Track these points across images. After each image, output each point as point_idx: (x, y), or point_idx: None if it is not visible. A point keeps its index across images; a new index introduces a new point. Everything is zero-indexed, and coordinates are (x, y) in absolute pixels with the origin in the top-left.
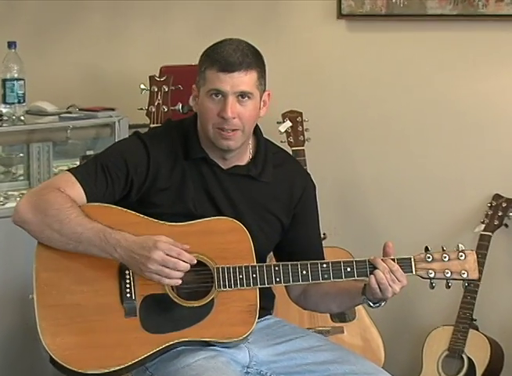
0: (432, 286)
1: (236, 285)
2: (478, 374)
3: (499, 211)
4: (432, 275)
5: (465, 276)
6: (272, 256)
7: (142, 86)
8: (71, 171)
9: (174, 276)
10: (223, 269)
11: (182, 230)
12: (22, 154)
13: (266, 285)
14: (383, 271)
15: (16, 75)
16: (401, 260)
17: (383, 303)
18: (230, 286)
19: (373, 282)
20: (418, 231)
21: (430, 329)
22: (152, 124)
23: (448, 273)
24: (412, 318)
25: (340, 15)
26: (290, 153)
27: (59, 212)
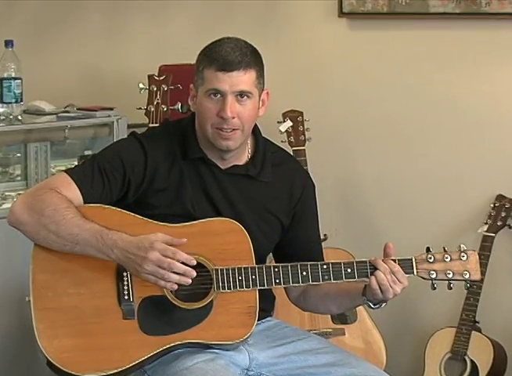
0: (434, 287)
1: (235, 287)
2: None
3: (503, 212)
4: (434, 276)
5: (467, 276)
6: (271, 257)
7: (141, 85)
8: (67, 171)
9: (170, 277)
10: (222, 270)
11: (180, 231)
12: (19, 154)
13: (266, 287)
14: (384, 272)
15: (13, 74)
16: (402, 261)
17: (383, 304)
18: (229, 287)
19: (374, 283)
20: (419, 232)
21: (432, 331)
22: (151, 124)
23: (450, 274)
24: (414, 320)
25: (341, 13)
26: (291, 153)
27: (55, 213)
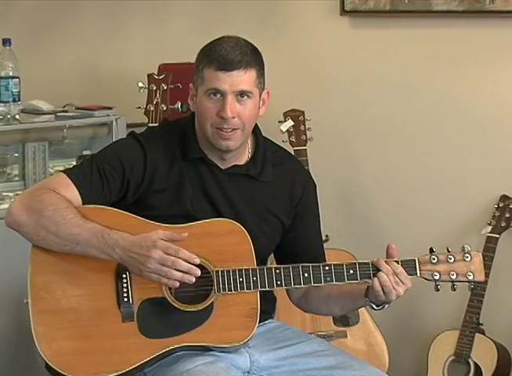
0: (437, 288)
1: (236, 288)
2: None
3: (507, 213)
4: (437, 277)
5: (471, 277)
6: (273, 258)
7: (141, 84)
8: (66, 172)
9: (173, 275)
10: (223, 272)
11: (179, 232)
12: (17, 154)
13: (267, 288)
14: (386, 273)
15: (10, 73)
16: (405, 262)
17: (386, 306)
18: (230, 289)
19: (377, 285)
20: (422, 232)
21: (435, 333)
22: (150, 124)
23: (454, 275)
24: (417, 322)
25: (343, 11)
26: (292, 152)
27: (54, 213)
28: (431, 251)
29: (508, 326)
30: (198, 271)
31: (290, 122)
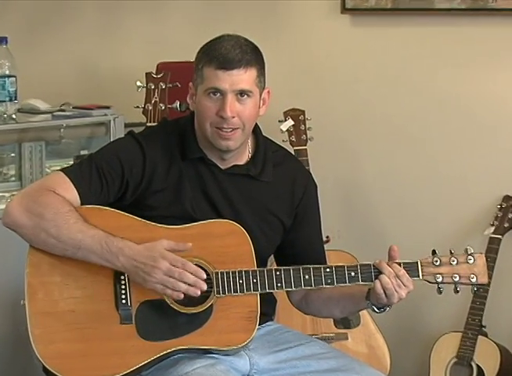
0: (440, 291)
1: (235, 291)
2: None
3: (510, 213)
4: (440, 279)
5: (474, 280)
6: (273, 260)
7: (139, 83)
8: (64, 171)
9: (179, 287)
10: (222, 274)
11: (179, 233)
12: (13, 154)
13: (267, 290)
14: (388, 276)
15: (7, 72)
16: (407, 264)
17: (388, 309)
18: (230, 291)
19: (379, 287)
20: (424, 233)
21: (437, 335)
22: (149, 123)
23: (457, 278)
24: (419, 324)
25: (344, 9)
26: (292, 152)
27: (56, 217)
28: (434, 253)
29: (511, 328)
30: (204, 285)
31: (290, 122)
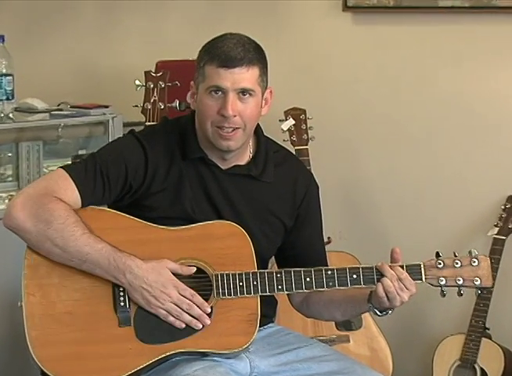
0: (443, 294)
1: (235, 293)
2: None
3: None
4: (443, 282)
5: (478, 283)
6: (273, 261)
7: (138, 82)
8: (69, 171)
9: (184, 318)
10: (222, 276)
11: (179, 235)
12: (10, 154)
13: (268, 293)
14: (391, 279)
15: (4, 70)
16: (410, 267)
17: (390, 311)
18: (230, 294)
19: (381, 290)
20: (427, 235)
21: (440, 338)
22: (147, 122)
23: (460, 280)
24: (421, 326)
25: (345, 7)
26: (293, 152)
27: (64, 227)
28: (437, 255)
29: None
30: (208, 320)
31: (291, 121)
